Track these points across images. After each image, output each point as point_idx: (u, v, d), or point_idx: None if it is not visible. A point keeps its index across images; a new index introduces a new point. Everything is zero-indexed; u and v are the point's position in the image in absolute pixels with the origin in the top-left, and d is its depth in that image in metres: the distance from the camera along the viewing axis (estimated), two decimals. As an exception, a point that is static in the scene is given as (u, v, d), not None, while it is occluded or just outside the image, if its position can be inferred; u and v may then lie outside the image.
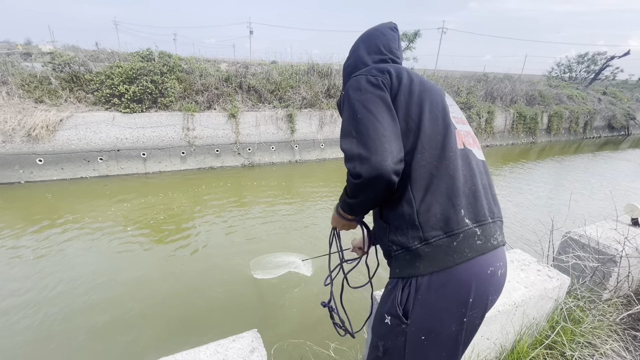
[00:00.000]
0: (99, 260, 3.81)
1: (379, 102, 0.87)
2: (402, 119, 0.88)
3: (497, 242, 0.87)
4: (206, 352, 1.01)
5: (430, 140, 0.86)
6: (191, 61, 8.39)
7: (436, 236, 0.81)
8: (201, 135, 7.42)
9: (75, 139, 6.31)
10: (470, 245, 0.81)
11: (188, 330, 2.72)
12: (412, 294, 0.81)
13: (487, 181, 0.93)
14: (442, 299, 0.80)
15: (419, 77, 0.99)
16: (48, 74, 6.60)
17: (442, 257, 0.80)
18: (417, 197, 0.83)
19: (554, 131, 13.33)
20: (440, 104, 0.94)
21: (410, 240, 0.83)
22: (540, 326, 1.56)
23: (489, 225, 0.86)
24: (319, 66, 9.95)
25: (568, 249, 1.86)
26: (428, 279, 0.80)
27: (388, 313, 0.85)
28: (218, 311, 2.95)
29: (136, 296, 3.18)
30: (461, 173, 0.86)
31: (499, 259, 0.88)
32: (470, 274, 0.81)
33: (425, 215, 0.82)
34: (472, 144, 0.95)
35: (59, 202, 5.39)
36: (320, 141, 8.91)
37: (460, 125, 0.96)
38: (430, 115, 0.89)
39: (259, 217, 5.13)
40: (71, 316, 2.88)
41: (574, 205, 5.87)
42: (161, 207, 5.33)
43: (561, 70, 26.73)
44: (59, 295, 3.16)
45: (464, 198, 0.84)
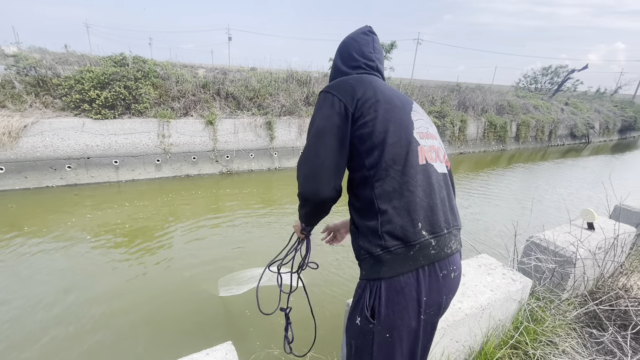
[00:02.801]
0: (63, 273, 3.62)
1: (334, 132, 0.97)
2: (367, 136, 0.96)
3: (450, 251, 0.97)
4: (178, 367, 1.00)
5: (394, 157, 0.94)
6: (167, 67, 8.24)
7: (395, 245, 0.91)
8: (177, 143, 7.26)
9: (40, 146, 6.01)
10: (424, 255, 0.92)
11: (159, 346, 2.63)
12: (377, 296, 0.91)
13: (445, 194, 1.01)
14: (402, 299, 0.90)
15: (387, 92, 1.03)
16: (11, 78, 6.27)
17: (400, 263, 0.91)
18: (381, 210, 0.93)
19: (522, 139, 14.06)
20: (405, 122, 1.01)
21: (374, 247, 0.93)
22: (506, 327, 1.64)
23: (444, 236, 0.96)
24: (298, 74, 10.05)
25: (530, 253, 1.97)
26: (389, 282, 0.91)
27: (359, 314, 0.95)
28: (189, 325, 2.86)
29: (102, 310, 3.04)
30: (420, 189, 0.94)
31: (452, 263, 0.98)
32: (423, 278, 0.92)
33: (386, 226, 0.92)
34: (434, 159, 1.02)
35: (22, 213, 5.09)
36: (300, 148, 8.94)
37: (425, 140, 1.02)
38: (393, 134, 0.96)
39: (236, 227, 5.06)
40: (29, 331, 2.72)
41: (536, 210, 6.21)
42: (133, 217, 5.15)
43: (527, 81, 28.30)
44: (26, 311, 2.97)
45: (422, 212, 0.93)
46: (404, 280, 0.90)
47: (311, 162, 0.99)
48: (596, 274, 2.03)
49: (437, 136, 1.09)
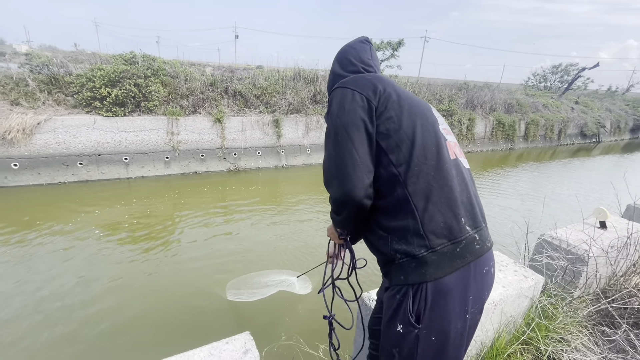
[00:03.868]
0: (79, 266, 3.70)
1: (360, 126, 0.91)
2: (393, 131, 0.92)
3: (490, 244, 0.96)
4: (200, 355, 1.03)
5: (425, 152, 0.91)
6: (176, 65, 8.31)
7: (441, 244, 0.87)
8: (186, 140, 7.34)
9: (53, 143, 6.12)
10: (470, 250, 0.89)
11: (181, 335, 2.69)
12: (423, 300, 0.86)
13: (474, 189, 1.00)
14: (449, 301, 0.87)
15: (404, 91, 1.02)
16: (25, 76, 6.39)
17: (447, 263, 0.87)
18: (419, 208, 0.88)
19: (531, 138, 13.91)
20: (430, 117, 0.99)
21: (417, 248, 0.87)
22: (517, 323, 1.65)
23: (484, 229, 0.95)
24: (305, 72, 10.06)
25: (542, 250, 1.97)
26: (436, 284, 0.86)
27: (400, 322, 0.90)
28: (209, 316, 2.93)
29: (122, 302, 3.11)
30: (456, 182, 0.92)
31: (491, 258, 0.97)
32: (471, 276, 0.90)
33: (429, 224, 0.87)
34: (460, 154, 1.01)
35: (35, 208, 5.20)
36: (307, 146, 8.97)
37: (449, 136, 1.02)
38: (422, 128, 0.94)
39: (244, 224, 5.11)
40: (53, 321, 2.80)
41: (547, 208, 6.15)
42: (142, 213, 5.22)
43: (537, 79, 27.94)
44: (41, 302, 3.05)
45: (462, 206, 0.90)
46: (452, 281, 0.87)
47: (341, 162, 0.91)
48: (609, 273, 2.03)
49: (452, 134, 1.08)
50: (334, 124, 0.95)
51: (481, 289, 0.93)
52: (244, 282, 3.00)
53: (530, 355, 1.55)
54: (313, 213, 5.62)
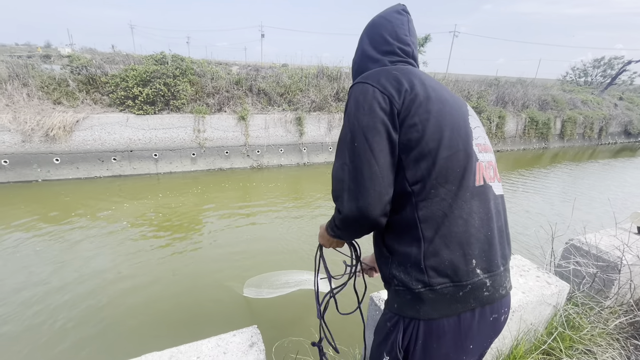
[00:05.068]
0: (109, 256, 3.93)
1: (381, 131, 0.76)
2: (415, 142, 0.77)
3: (504, 292, 0.82)
4: (208, 345, 1.07)
5: (447, 174, 0.76)
6: (203, 64, 8.57)
7: (442, 284, 0.75)
8: (211, 137, 7.57)
9: (90, 140, 6.52)
10: (476, 297, 0.77)
11: (192, 325, 2.81)
12: (413, 338, 0.77)
13: (503, 221, 0.84)
14: (443, 345, 0.77)
15: (437, 89, 0.84)
16: (66, 77, 6.84)
17: (445, 305, 0.75)
18: (426, 237, 0.76)
19: (568, 137, 13.10)
20: (463, 128, 0.81)
21: (414, 282, 0.77)
22: (538, 332, 1.56)
23: (500, 274, 0.80)
24: (329, 70, 10.03)
25: (569, 256, 1.85)
26: (429, 324, 0.76)
27: (387, 353, 0.82)
28: (224, 310, 3.02)
29: (141, 292, 3.27)
30: (477, 217, 0.77)
31: (504, 305, 0.84)
32: (474, 323, 0.78)
33: (432, 259, 0.75)
34: (492, 177, 0.84)
35: (73, 200, 5.57)
36: (329, 144, 8.97)
37: (483, 154, 0.84)
38: (450, 143, 0.77)
39: (265, 220, 5.20)
40: (78, 305, 3.02)
41: (577, 212, 5.78)
42: (168, 207, 5.45)
43: (576, 74, 26.23)
44: (65, 288, 3.28)
45: (477, 245, 0.76)
46: (448, 325, 0.75)
47: (357, 173, 0.77)
48: (646, 283, 1.88)
49: (491, 148, 0.89)
50: (351, 126, 0.79)
51: (484, 338, 0.82)
52: (264, 280, 3.03)
53: (550, 366, 1.47)
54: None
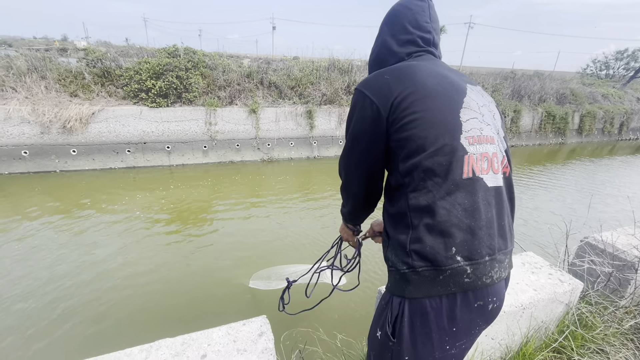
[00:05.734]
0: (120, 244, 4.04)
1: (366, 138, 0.92)
2: (404, 141, 0.84)
3: (490, 280, 0.84)
4: (218, 333, 1.10)
5: (434, 168, 0.81)
6: (215, 57, 8.60)
7: (422, 267, 0.81)
8: (222, 130, 7.63)
9: (105, 132, 6.66)
10: (456, 282, 0.81)
11: (197, 315, 2.88)
12: (400, 315, 0.84)
13: (494, 213, 0.85)
14: (426, 324, 0.82)
15: (432, 85, 0.86)
16: (82, 69, 6.98)
17: (427, 286, 0.81)
18: (413, 224, 0.84)
19: (586, 132, 12.69)
20: (451, 124, 0.84)
21: (400, 263, 0.85)
22: (549, 330, 1.54)
23: (484, 263, 0.83)
24: (340, 62, 9.94)
25: (584, 254, 1.81)
26: (413, 303, 0.83)
27: (380, 328, 0.90)
28: (228, 300, 3.08)
29: (149, 280, 3.36)
30: (460, 208, 0.81)
31: (491, 294, 0.86)
32: (456, 306, 0.82)
33: (415, 244, 0.82)
34: (484, 170, 0.85)
35: (88, 190, 5.72)
36: (339, 138, 8.93)
37: (475, 146, 0.85)
38: (435, 140, 0.82)
39: (275, 214, 5.24)
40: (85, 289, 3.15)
41: (593, 210, 5.62)
42: (180, 198, 5.55)
43: (597, 67, 25.28)
44: (76, 272, 3.40)
45: (459, 235, 0.80)
46: (430, 305, 0.81)
47: (348, 163, 1.01)
48: (664, 283, 1.82)
49: (495, 138, 0.90)
50: (348, 124, 0.98)
51: (471, 323, 0.85)
52: (272, 273, 3.05)
53: (561, 365, 1.45)
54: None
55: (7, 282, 3.24)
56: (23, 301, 2.98)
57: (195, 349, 1.03)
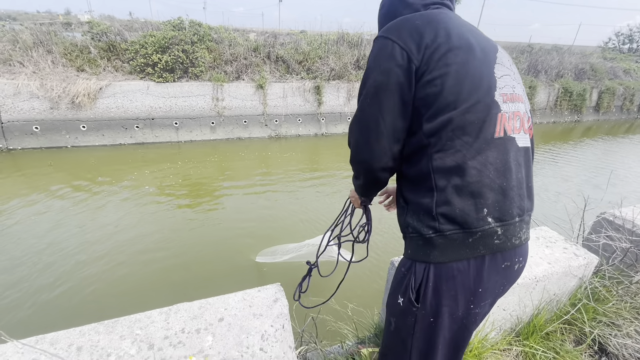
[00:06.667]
0: (131, 217, 4.13)
1: (394, 90, 0.79)
2: (432, 97, 0.77)
3: (518, 241, 0.83)
4: (234, 299, 1.12)
5: (465, 126, 0.76)
6: (220, 30, 8.38)
7: (451, 230, 0.78)
8: (230, 106, 7.55)
9: (113, 107, 6.65)
10: (486, 244, 0.79)
11: (217, 282, 2.97)
12: (424, 280, 0.82)
13: (524, 174, 0.84)
14: (452, 287, 0.80)
15: (465, 36, 0.80)
16: (87, 43, 6.88)
17: (454, 250, 0.79)
18: (438, 186, 0.79)
19: (604, 109, 12.24)
20: (486, 78, 0.79)
21: (425, 227, 0.81)
22: (561, 302, 1.55)
23: (514, 224, 0.81)
24: (349, 36, 9.60)
25: (600, 230, 1.78)
26: (439, 268, 0.80)
27: (402, 295, 0.87)
28: (245, 269, 3.16)
29: (158, 252, 3.46)
30: (492, 168, 0.77)
31: (517, 255, 0.85)
32: (484, 268, 0.80)
33: (443, 207, 0.78)
34: (516, 129, 0.82)
35: (99, 166, 5.79)
36: (347, 114, 8.78)
37: (508, 104, 0.81)
38: (469, 96, 0.76)
39: (283, 191, 5.26)
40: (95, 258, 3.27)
41: (613, 187, 5.51)
42: (188, 174, 5.59)
43: (620, 40, 23.99)
44: (88, 244, 3.51)
45: (491, 195, 0.78)
46: (457, 268, 0.79)
47: (365, 126, 0.85)
48: (681, 260, 1.79)
49: (523, 97, 0.87)
50: (366, 81, 0.83)
51: (496, 284, 0.84)
52: (280, 249, 3.07)
53: (572, 336, 1.46)
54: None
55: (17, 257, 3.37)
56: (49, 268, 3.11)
57: (212, 312, 1.06)
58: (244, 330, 1.00)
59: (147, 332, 0.97)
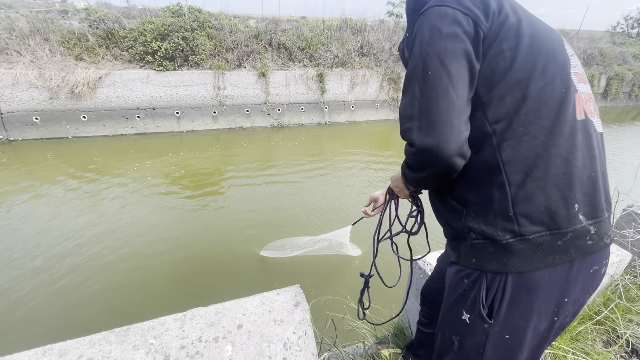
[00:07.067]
0: (132, 208, 4.07)
1: (461, 57, 0.65)
2: (499, 74, 0.66)
3: (609, 241, 0.72)
4: (252, 303, 1.05)
5: (540, 108, 0.65)
6: (220, 17, 8.14)
7: (536, 232, 0.66)
8: (231, 95, 7.40)
9: (114, 97, 6.52)
10: (577, 246, 0.67)
11: (206, 281, 2.91)
12: (499, 294, 0.69)
13: (604, 163, 0.73)
14: (534, 299, 0.68)
15: (527, 12, 0.72)
16: (85, 31, 6.70)
17: (540, 256, 0.66)
18: (513, 181, 0.66)
19: (612, 96, 12.00)
20: (560, 54, 0.69)
21: (500, 232, 0.68)
22: (592, 300, 1.48)
23: (604, 221, 0.70)
24: (352, 21, 9.35)
25: (629, 224, 1.70)
26: (520, 278, 0.68)
27: (468, 311, 0.75)
28: (250, 261, 3.11)
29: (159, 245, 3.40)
30: (580, 155, 0.66)
31: (605, 256, 0.74)
32: (571, 275, 0.68)
33: (524, 205, 0.66)
34: (593, 112, 0.72)
35: (100, 156, 5.71)
36: (351, 102, 8.62)
37: (582, 85, 0.71)
38: (544, 72, 0.66)
39: (286, 181, 5.18)
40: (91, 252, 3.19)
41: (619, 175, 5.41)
42: (191, 165, 5.51)
43: (629, 24, 23.35)
44: (90, 236, 3.46)
45: (580, 188, 0.66)
46: (542, 277, 0.67)
47: (431, 103, 0.65)
48: None
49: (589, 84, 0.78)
50: (424, 55, 0.67)
51: (582, 291, 0.73)
52: (284, 244, 2.98)
53: (603, 337, 1.40)
54: (358, 170, 5.52)
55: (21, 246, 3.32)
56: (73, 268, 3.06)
57: (230, 318, 0.99)
58: (265, 339, 0.93)
59: (162, 342, 0.91)
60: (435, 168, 0.70)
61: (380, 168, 5.69)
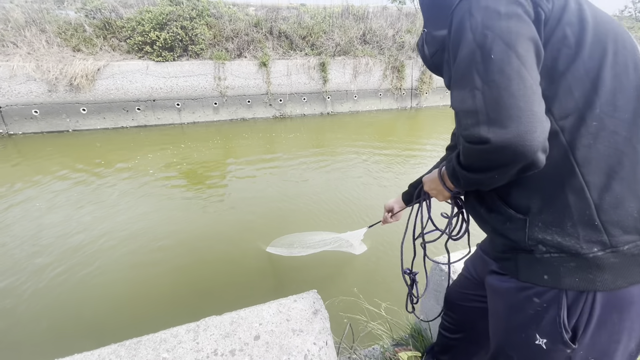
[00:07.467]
0: (133, 202, 4.02)
1: (526, 37, 0.56)
2: (564, 63, 0.59)
3: None
4: (269, 311, 1.00)
5: (615, 99, 0.59)
6: (220, 5, 7.94)
7: (631, 242, 0.58)
8: (232, 85, 7.27)
9: (113, 89, 6.41)
10: None
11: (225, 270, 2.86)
12: (585, 314, 0.62)
13: None
14: (627, 318, 0.61)
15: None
16: (82, 21, 6.54)
17: (636, 269, 0.59)
18: (592, 184, 0.59)
19: (619, 82, 11.76)
20: (628, 40, 0.63)
21: (583, 244, 0.60)
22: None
23: None
24: (355, 8, 9.12)
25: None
26: (611, 296, 0.60)
27: (543, 335, 0.66)
28: (255, 256, 3.06)
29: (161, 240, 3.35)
30: None
31: None
32: None
33: (612, 212, 0.59)
34: None
35: (100, 149, 5.64)
36: (354, 92, 8.48)
37: None
38: (615, 60, 0.59)
39: (290, 174, 5.12)
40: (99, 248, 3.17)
41: None
42: (192, 157, 5.44)
43: (636, 8, 22.77)
44: (93, 230, 3.43)
45: None
46: (637, 292, 0.60)
47: (498, 91, 0.54)
48: None
49: None
50: (479, 38, 0.57)
51: None
52: (291, 240, 2.89)
53: None
54: (361, 162, 5.45)
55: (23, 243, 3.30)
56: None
57: (246, 328, 0.95)
58: (284, 351, 0.89)
59: (176, 355, 0.86)
60: (513, 166, 0.58)
61: (382, 160, 5.61)
